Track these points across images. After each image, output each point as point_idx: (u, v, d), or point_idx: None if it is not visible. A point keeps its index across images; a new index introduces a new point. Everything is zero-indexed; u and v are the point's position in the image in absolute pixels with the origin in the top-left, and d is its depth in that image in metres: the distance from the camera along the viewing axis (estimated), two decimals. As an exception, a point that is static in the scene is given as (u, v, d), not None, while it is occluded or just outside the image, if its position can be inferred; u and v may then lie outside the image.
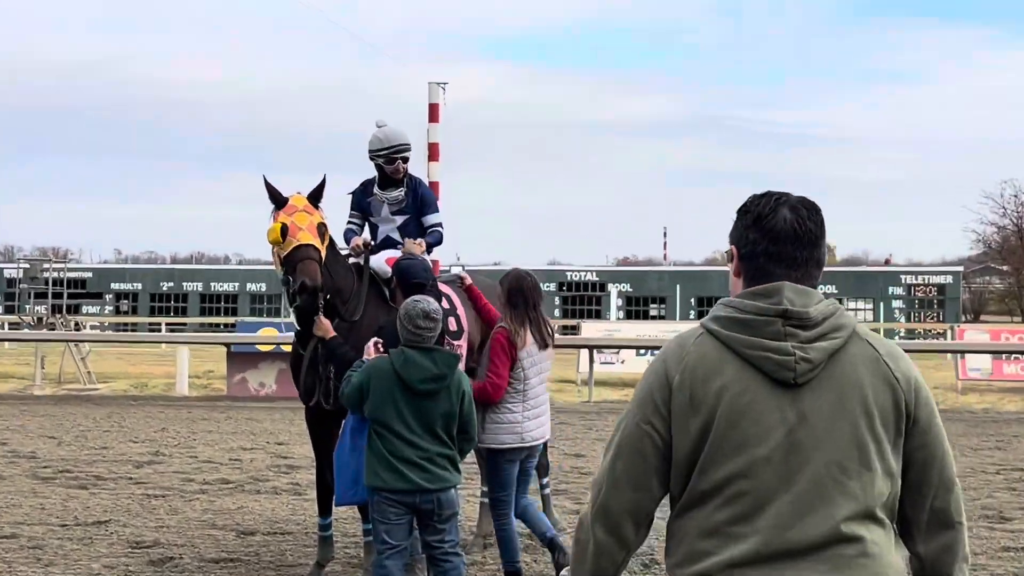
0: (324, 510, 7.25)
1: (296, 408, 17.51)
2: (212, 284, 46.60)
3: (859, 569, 2.35)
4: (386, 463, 5.49)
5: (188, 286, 46.58)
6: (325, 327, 6.83)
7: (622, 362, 22.65)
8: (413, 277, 7.08)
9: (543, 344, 6.62)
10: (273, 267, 7.10)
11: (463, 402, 5.59)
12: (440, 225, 7.89)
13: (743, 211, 2.62)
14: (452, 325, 7.64)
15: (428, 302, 5.66)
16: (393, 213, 7.78)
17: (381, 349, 5.97)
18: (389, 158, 7.69)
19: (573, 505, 9.35)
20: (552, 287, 44.45)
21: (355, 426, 5.95)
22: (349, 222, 7.91)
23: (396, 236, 7.82)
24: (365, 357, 5.96)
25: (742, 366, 2.47)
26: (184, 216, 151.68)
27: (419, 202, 7.79)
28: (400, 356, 5.54)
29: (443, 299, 7.68)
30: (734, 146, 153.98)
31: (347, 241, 7.77)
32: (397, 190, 7.76)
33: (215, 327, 42.03)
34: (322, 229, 6.90)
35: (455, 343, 7.57)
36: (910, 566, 2.54)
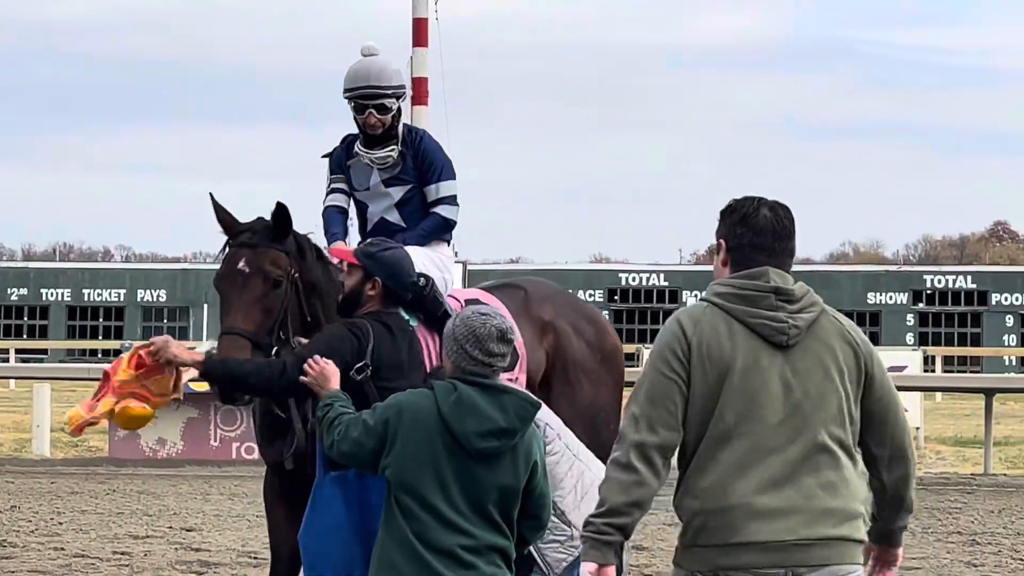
0: None
1: (213, 477, 17.55)
2: (85, 292, 46.74)
3: (842, 484, 4.54)
4: (412, 554, 5.41)
5: (49, 295, 46.73)
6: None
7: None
8: (405, 276, 6.91)
9: None
10: (178, 267, 7.21)
11: (534, 474, 5.54)
12: (452, 199, 7.91)
13: (729, 211, 4.73)
14: None
15: (501, 318, 5.60)
16: (386, 183, 7.82)
17: (321, 365, 6.00)
18: (357, 104, 7.76)
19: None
20: (598, 296, 44.52)
21: (330, 489, 5.97)
22: (330, 190, 7.96)
23: (394, 218, 7.82)
24: (303, 379, 6.00)
25: (746, 331, 4.58)
26: (41, 189, 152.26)
27: (421, 163, 7.84)
28: (451, 394, 5.45)
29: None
30: (869, 86, 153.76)
31: (327, 230, 7.77)
32: (387, 147, 7.81)
33: (90, 354, 42.08)
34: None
35: (506, 376, 7.67)
36: (871, 488, 4.70)
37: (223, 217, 7.11)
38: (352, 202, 7.96)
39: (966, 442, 22.17)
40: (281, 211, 6.99)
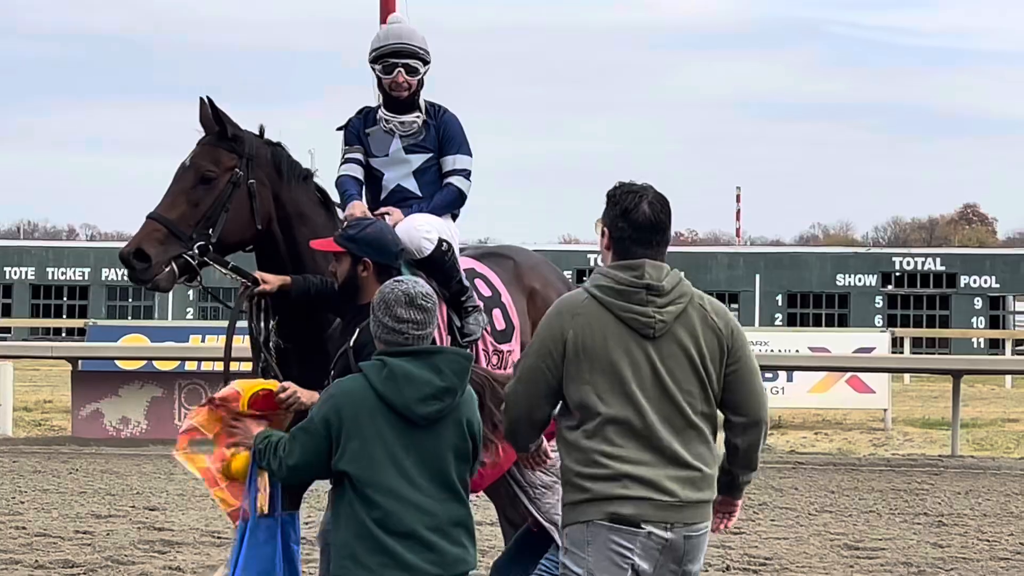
0: None
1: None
2: (49, 270, 46.58)
3: (707, 454, 5.30)
4: (374, 544, 5.35)
5: (13, 272, 46.56)
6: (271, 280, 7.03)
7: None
8: (392, 247, 6.90)
9: None
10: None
11: (472, 429, 5.56)
12: (467, 173, 7.98)
13: (612, 201, 5.34)
14: (499, 321, 7.84)
15: (414, 283, 5.59)
16: (407, 150, 7.86)
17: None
18: (386, 64, 7.82)
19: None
20: (567, 276, 44.50)
21: (264, 534, 5.98)
22: (346, 162, 7.98)
23: (411, 186, 7.86)
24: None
25: (617, 323, 5.25)
26: (4, 167, 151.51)
27: (443, 135, 7.91)
28: (381, 370, 5.43)
29: (479, 282, 7.77)
30: (839, 67, 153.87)
31: (342, 196, 7.81)
32: (413, 114, 7.87)
33: (54, 333, 41.98)
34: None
35: (503, 347, 7.66)
36: (725, 447, 5.42)
37: (204, 117, 7.41)
38: (366, 172, 8.01)
39: (933, 424, 22.26)
40: (203, 105, 7.35)
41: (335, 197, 7.85)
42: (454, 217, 8.06)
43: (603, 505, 5.21)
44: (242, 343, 7.69)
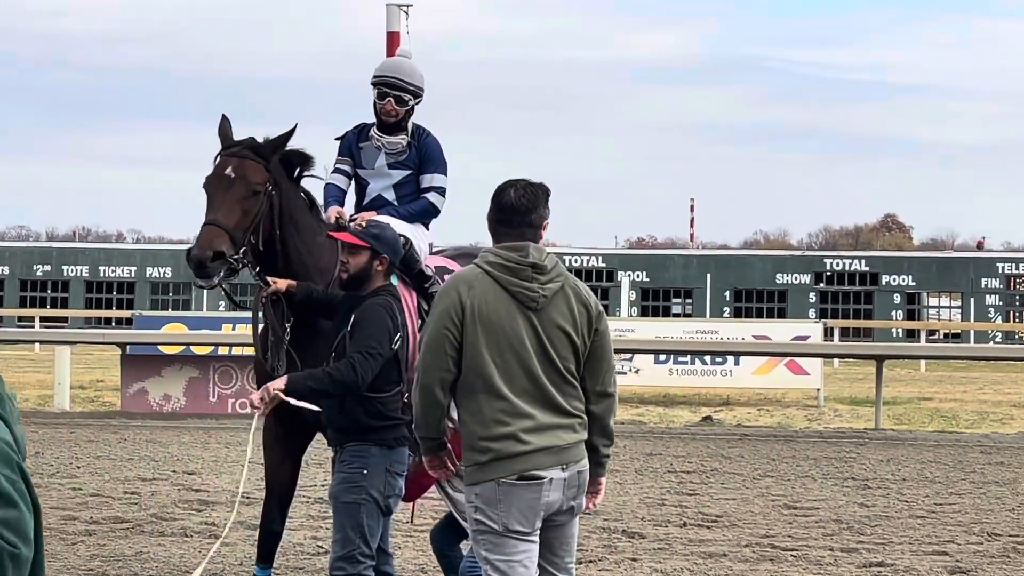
0: (265, 556, 7.30)
1: (211, 429, 17.49)
2: (101, 268, 46.48)
3: (580, 402, 5.45)
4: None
5: (70, 271, 46.44)
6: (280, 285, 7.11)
7: (636, 371, 22.68)
8: (400, 250, 6.98)
9: None
10: (182, 247, 7.29)
11: None
12: (441, 190, 8.00)
13: (494, 194, 5.49)
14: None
15: None
16: (390, 166, 7.87)
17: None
18: (380, 91, 7.85)
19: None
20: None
21: None
22: (334, 171, 8.01)
23: (390, 196, 7.88)
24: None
25: (507, 296, 5.35)
26: (63, 180, 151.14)
27: (423, 155, 7.93)
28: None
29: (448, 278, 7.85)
30: (778, 97, 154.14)
31: (325, 200, 7.84)
32: (399, 135, 7.89)
33: (105, 323, 41.90)
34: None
35: None
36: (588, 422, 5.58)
37: (224, 130, 7.48)
38: (352, 181, 8.07)
39: (859, 402, 22.27)
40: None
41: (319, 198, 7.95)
42: (426, 225, 8.07)
43: (508, 463, 5.32)
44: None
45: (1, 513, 2.52)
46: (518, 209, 5.44)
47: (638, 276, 44.79)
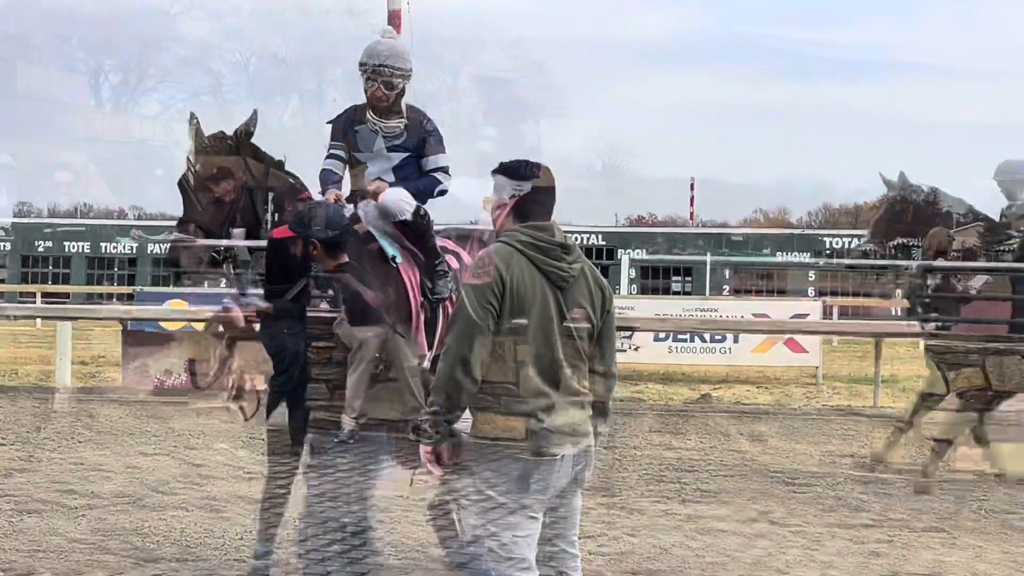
0: (266, 534, 7.30)
1: (211, 406, 17.48)
2: (103, 244, 46.45)
3: (585, 376, 5.53)
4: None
5: (71, 246, 46.42)
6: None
7: (636, 349, 22.67)
8: (328, 223, 7.11)
9: None
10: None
11: None
12: (444, 171, 8.02)
13: (518, 175, 5.51)
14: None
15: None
16: (389, 148, 7.89)
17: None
18: (368, 77, 7.88)
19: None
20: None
21: None
22: (329, 156, 8.00)
23: (389, 178, 7.92)
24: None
25: (540, 275, 5.42)
26: (64, 156, 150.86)
27: (423, 138, 7.97)
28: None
29: (450, 257, 7.93)
30: (778, 76, 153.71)
31: (322, 184, 7.88)
32: (396, 119, 7.92)
33: (106, 298, 41.89)
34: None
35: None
36: None
37: (193, 129, 7.55)
38: (347, 166, 8.06)
39: (858, 379, 22.29)
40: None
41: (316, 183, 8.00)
42: (423, 199, 8.07)
43: (525, 441, 5.38)
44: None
45: None
46: (551, 190, 5.59)
47: (638, 255, 44.81)
